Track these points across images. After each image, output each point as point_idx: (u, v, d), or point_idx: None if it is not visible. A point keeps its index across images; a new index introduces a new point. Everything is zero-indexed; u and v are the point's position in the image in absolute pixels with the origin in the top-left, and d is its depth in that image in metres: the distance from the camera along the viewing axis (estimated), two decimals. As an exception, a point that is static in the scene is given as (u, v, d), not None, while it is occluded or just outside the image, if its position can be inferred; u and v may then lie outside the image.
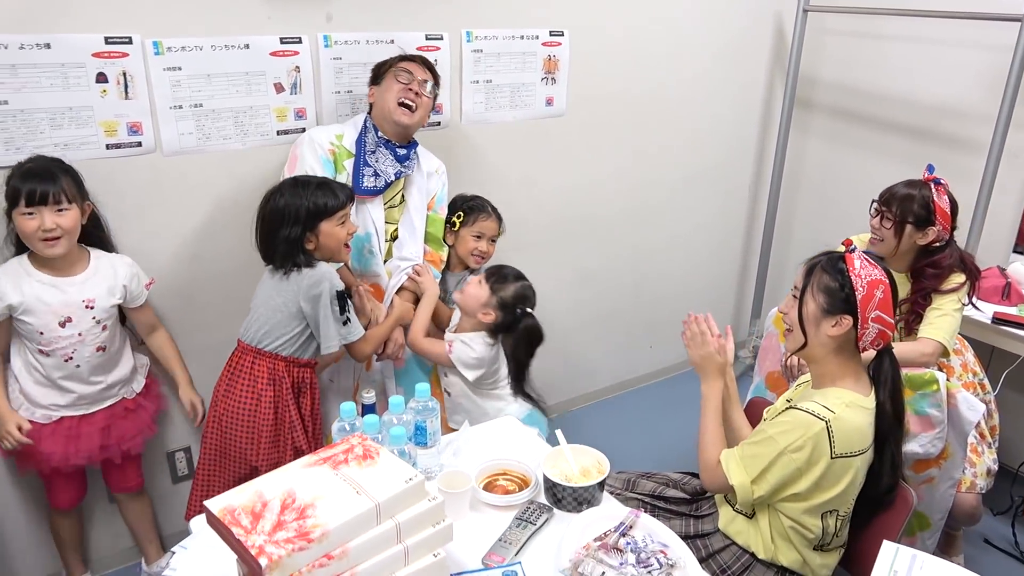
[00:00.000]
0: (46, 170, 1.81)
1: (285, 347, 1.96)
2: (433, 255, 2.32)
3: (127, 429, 2.06)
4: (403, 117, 2.12)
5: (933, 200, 2.08)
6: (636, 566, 1.37)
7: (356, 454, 1.29)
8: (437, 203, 2.33)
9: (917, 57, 2.98)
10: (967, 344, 2.32)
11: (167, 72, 2.04)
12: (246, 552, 1.09)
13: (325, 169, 2.10)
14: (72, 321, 1.88)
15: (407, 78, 2.13)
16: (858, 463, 1.55)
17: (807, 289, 1.59)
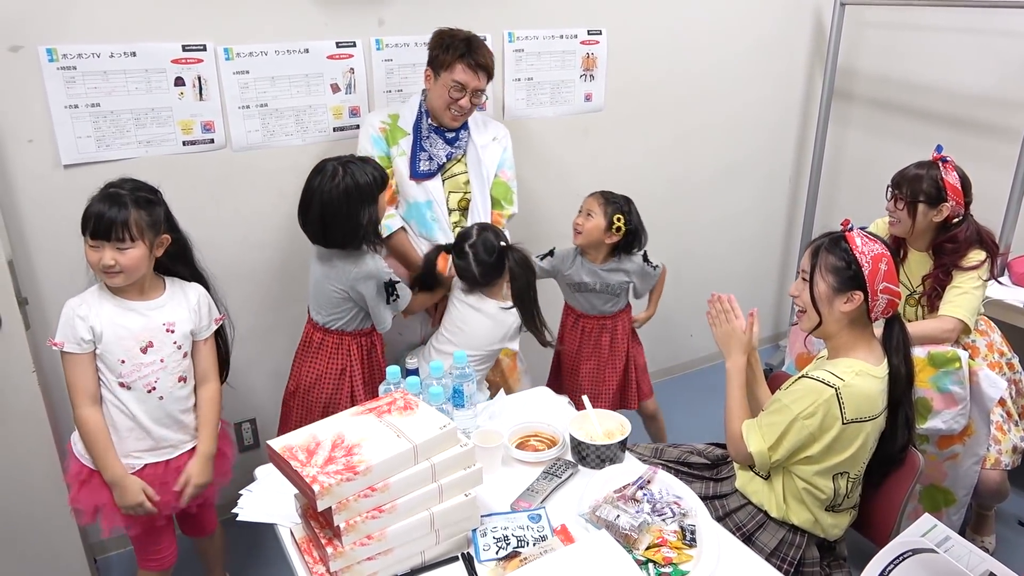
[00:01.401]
0: (118, 200, 1.69)
1: (348, 324, 2.12)
2: (494, 216, 2.46)
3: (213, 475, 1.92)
4: (452, 122, 2.29)
5: (942, 177, 2.13)
6: (651, 514, 1.50)
7: (398, 406, 1.47)
8: (498, 167, 2.44)
9: (954, 47, 3.01)
10: (993, 325, 2.35)
11: (236, 75, 2.26)
12: (302, 481, 1.28)
13: (375, 146, 2.28)
14: (153, 346, 1.77)
15: (458, 91, 2.21)
16: (869, 428, 1.64)
17: (815, 270, 1.67)
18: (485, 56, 2.24)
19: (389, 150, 2.30)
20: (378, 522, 1.31)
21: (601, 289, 2.50)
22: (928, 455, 2.16)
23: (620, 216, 2.38)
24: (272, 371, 2.59)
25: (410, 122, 2.32)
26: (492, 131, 2.45)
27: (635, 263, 2.51)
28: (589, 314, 2.55)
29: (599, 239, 2.41)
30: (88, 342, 1.72)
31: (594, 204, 2.42)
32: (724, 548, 1.45)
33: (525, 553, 1.39)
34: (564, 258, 2.52)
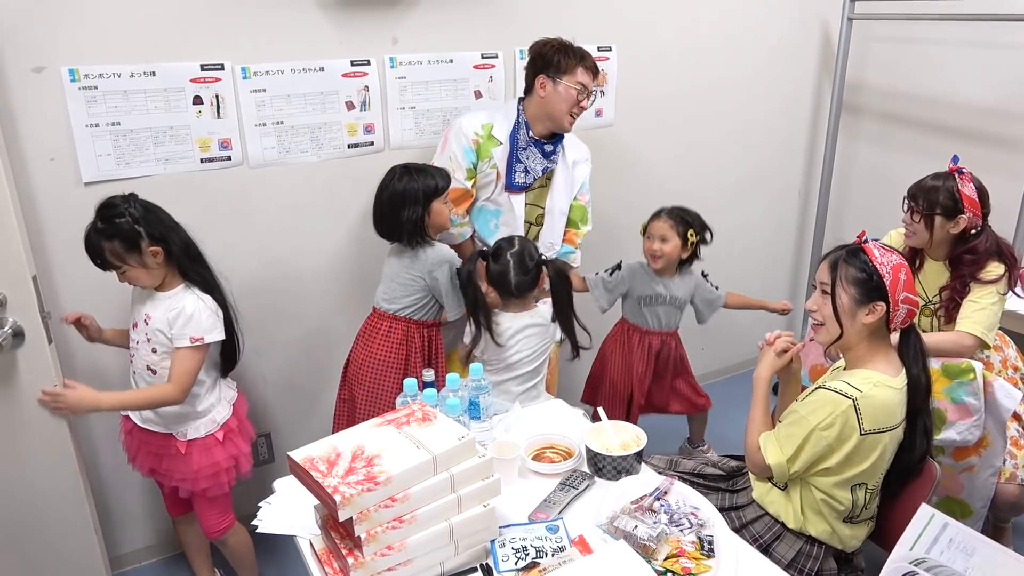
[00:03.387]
0: (94, 247, 1.85)
1: (416, 313, 2.26)
2: (570, 234, 2.57)
3: (172, 469, 2.04)
4: (569, 127, 2.36)
5: (958, 189, 2.11)
6: (668, 524, 1.50)
7: (416, 417, 1.48)
8: (580, 189, 2.54)
9: (962, 60, 3.03)
10: (1008, 339, 2.34)
11: (253, 94, 2.29)
12: (323, 491, 1.29)
13: (466, 157, 2.33)
14: (136, 327, 1.99)
15: (583, 95, 2.30)
16: (886, 439, 1.64)
17: (837, 283, 1.68)
18: (592, 59, 2.35)
19: (478, 162, 2.36)
20: (398, 532, 1.33)
21: (669, 303, 2.60)
22: (944, 467, 2.15)
23: (692, 231, 2.51)
24: (287, 386, 2.62)
25: (504, 131, 2.36)
26: (582, 151, 2.53)
27: (695, 278, 2.63)
28: (653, 329, 2.64)
29: (677, 258, 2.54)
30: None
31: (666, 228, 2.51)
32: (742, 559, 1.45)
33: (544, 564, 1.40)
34: (633, 273, 2.61)
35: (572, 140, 2.50)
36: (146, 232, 1.86)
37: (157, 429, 2.02)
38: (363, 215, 2.55)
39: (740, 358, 3.76)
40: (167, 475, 2.05)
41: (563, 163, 2.46)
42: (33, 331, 1.89)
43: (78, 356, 2.26)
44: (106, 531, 2.40)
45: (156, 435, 2.02)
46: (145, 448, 2.05)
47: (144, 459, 2.07)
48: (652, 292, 2.58)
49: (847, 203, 3.58)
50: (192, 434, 2.02)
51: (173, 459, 2.03)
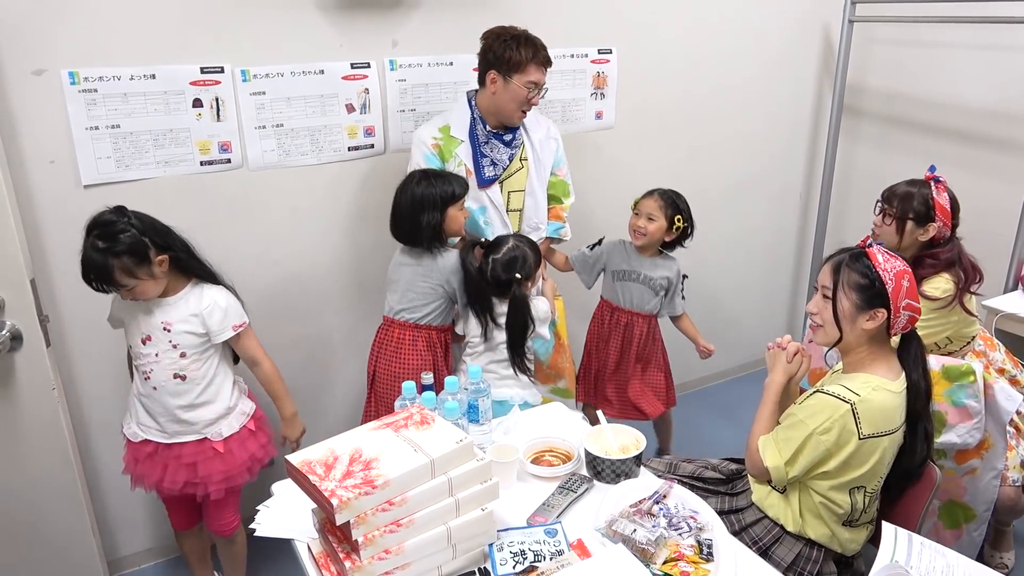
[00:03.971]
0: (98, 266, 1.78)
1: (436, 319, 2.29)
2: (555, 210, 2.57)
3: (213, 471, 2.00)
4: (518, 121, 2.35)
5: (933, 197, 2.13)
6: (667, 528, 1.50)
7: (415, 420, 1.48)
8: (555, 165, 2.53)
9: (963, 62, 3.03)
10: (996, 342, 2.34)
11: (253, 96, 2.30)
12: (320, 495, 1.29)
13: (429, 163, 2.33)
14: (151, 340, 1.91)
15: (533, 91, 2.28)
16: (886, 443, 1.63)
17: (838, 288, 1.67)
18: (546, 51, 2.31)
19: (444, 165, 2.34)
20: (396, 536, 1.32)
21: (643, 281, 2.59)
22: (946, 470, 2.15)
23: (680, 216, 2.51)
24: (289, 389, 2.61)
25: (463, 129, 2.35)
26: (545, 127, 2.50)
27: (675, 267, 2.61)
28: (623, 307, 2.64)
29: (659, 240, 2.54)
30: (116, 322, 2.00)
31: (653, 207, 2.51)
32: (741, 562, 1.44)
33: (542, 568, 1.39)
34: (611, 248, 2.65)
35: (532, 121, 2.46)
36: (151, 241, 1.82)
37: (190, 439, 1.99)
38: (363, 218, 2.55)
39: (740, 361, 3.76)
40: (206, 480, 2.00)
41: (528, 145, 2.44)
42: (31, 334, 1.90)
43: (76, 360, 2.26)
44: (105, 534, 2.40)
45: (189, 445, 1.99)
46: (176, 463, 1.99)
47: (176, 474, 1.99)
48: (627, 267, 2.60)
49: (848, 206, 3.58)
50: (227, 431, 2.02)
51: (212, 461, 2.00)
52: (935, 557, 1.31)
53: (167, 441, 1.98)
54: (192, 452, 1.99)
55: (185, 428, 1.98)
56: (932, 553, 1.33)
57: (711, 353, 2.71)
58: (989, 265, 2.36)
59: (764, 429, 1.77)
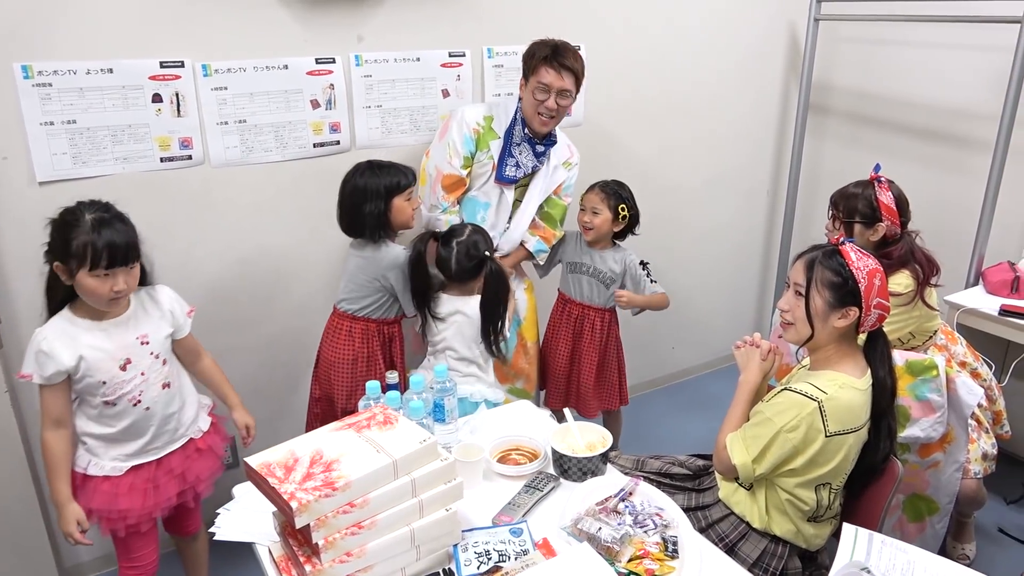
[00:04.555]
0: (120, 227, 1.70)
1: (374, 312, 2.27)
2: (547, 232, 2.57)
3: (201, 470, 1.96)
4: (541, 127, 2.36)
5: (876, 197, 2.15)
6: (632, 526, 1.49)
7: (377, 420, 1.46)
8: (564, 191, 2.57)
9: (927, 61, 3.07)
10: (956, 336, 2.37)
11: (214, 92, 2.25)
12: (279, 498, 1.26)
13: (465, 146, 2.35)
14: (132, 362, 1.77)
15: (543, 93, 2.28)
16: (851, 440, 1.64)
17: (811, 286, 1.66)
18: (571, 59, 2.30)
19: (476, 152, 2.38)
20: (357, 539, 1.30)
21: (592, 274, 2.59)
22: (910, 464, 2.17)
23: (624, 206, 2.51)
24: (252, 390, 2.56)
25: (503, 126, 2.38)
26: (566, 155, 2.54)
27: (624, 256, 2.59)
28: (575, 299, 2.64)
29: (608, 232, 2.54)
30: (59, 374, 1.71)
31: (596, 200, 2.52)
32: (706, 559, 1.44)
33: (506, 568, 1.38)
34: (567, 240, 2.65)
35: (562, 144, 2.51)
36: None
37: (177, 445, 1.91)
38: (329, 215, 2.50)
39: (709, 357, 3.78)
40: (195, 482, 1.94)
41: (546, 165, 2.48)
42: (-17, 335, 1.84)
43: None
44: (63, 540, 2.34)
45: (176, 453, 1.91)
46: (168, 477, 1.89)
47: (168, 488, 1.89)
48: (578, 260, 2.61)
49: (815, 203, 3.61)
50: (204, 425, 1.99)
51: (197, 461, 1.95)
52: (895, 555, 1.32)
53: (158, 456, 1.87)
54: (180, 459, 1.91)
55: (173, 435, 1.90)
56: (892, 551, 1.33)
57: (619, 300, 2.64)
58: (951, 261, 2.40)
59: (733, 427, 1.77)
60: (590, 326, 2.64)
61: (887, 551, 1.33)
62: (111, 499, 1.81)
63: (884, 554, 1.32)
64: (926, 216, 2.38)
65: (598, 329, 2.64)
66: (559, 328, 2.69)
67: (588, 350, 2.65)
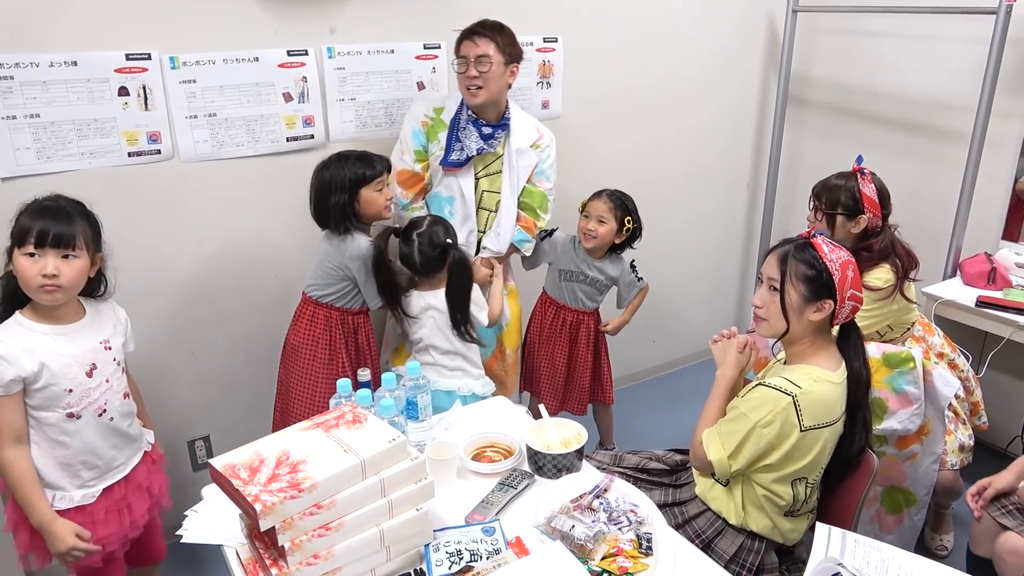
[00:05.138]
0: (62, 210, 1.61)
1: (338, 300, 2.24)
2: (528, 221, 2.51)
3: (160, 482, 1.89)
4: (472, 99, 2.30)
5: (859, 189, 2.16)
6: (607, 523, 1.48)
7: (346, 419, 1.43)
8: (536, 176, 2.49)
9: (905, 52, 3.06)
10: (934, 327, 2.38)
11: (183, 85, 2.20)
12: (244, 500, 1.23)
13: (415, 139, 2.36)
14: (97, 367, 1.68)
15: (463, 65, 2.26)
16: (827, 434, 1.63)
17: (786, 279, 1.65)
18: (487, 28, 2.28)
19: (428, 145, 2.37)
20: (325, 540, 1.27)
21: (589, 283, 2.57)
22: (887, 456, 2.17)
23: (630, 218, 2.49)
24: (225, 386, 2.54)
25: (451, 114, 2.35)
26: (532, 136, 2.45)
27: (623, 266, 2.58)
28: (569, 306, 2.61)
29: (609, 243, 2.51)
30: (15, 381, 1.59)
31: (604, 209, 2.48)
32: (680, 556, 1.43)
33: (478, 567, 1.36)
34: (560, 244, 2.60)
35: (522, 127, 2.43)
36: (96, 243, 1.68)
37: (137, 458, 1.83)
38: (303, 210, 2.46)
39: (688, 351, 3.77)
40: (161, 493, 1.88)
41: (508, 148, 2.42)
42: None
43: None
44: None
45: (140, 465, 1.83)
46: (138, 492, 1.81)
47: (140, 504, 1.81)
48: (575, 269, 2.58)
49: (794, 195, 3.60)
50: (151, 437, 1.92)
51: (156, 473, 1.89)
52: (870, 552, 1.32)
53: (125, 473, 1.79)
54: (144, 473, 1.84)
55: (135, 448, 1.82)
56: (867, 549, 1.33)
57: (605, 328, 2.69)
58: (928, 253, 2.40)
59: (710, 422, 1.75)
60: (585, 329, 2.64)
61: (861, 549, 1.32)
62: (89, 529, 1.70)
63: (858, 553, 1.31)
64: (903, 207, 2.38)
65: (592, 330, 2.65)
66: (554, 335, 2.65)
67: (584, 352, 2.65)
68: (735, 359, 1.82)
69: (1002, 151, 2.78)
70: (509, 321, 2.59)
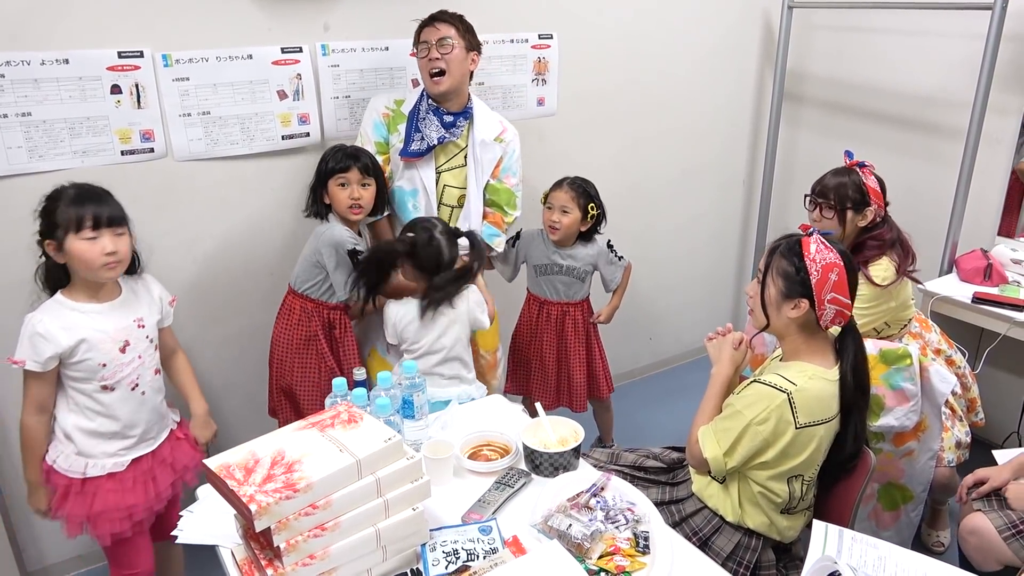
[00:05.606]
0: (102, 193, 1.74)
1: (313, 291, 2.24)
2: (495, 216, 2.47)
3: (187, 459, 1.96)
4: (435, 87, 2.27)
5: (863, 182, 2.17)
6: (604, 521, 1.47)
7: (342, 419, 1.42)
8: (502, 172, 2.44)
9: (900, 48, 3.06)
10: (930, 323, 2.38)
11: (176, 83, 2.19)
12: (239, 501, 1.22)
13: (376, 131, 2.35)
14: (130, 344, 1.79)
15: (424, 50, 2.25)
16: (822, 431, 1.63)
17: (768, 273, 1.67)
18: (443, 12, 2.28)
19: (388, 136, 2.35)
20: (321, 540, 1.27)
21: (566, 272, 2.55)
22: (884, 453, 2.17)
23: (593, 204, 2.47)
24: (221, 385, 2.53)
25: (411, 105, 2.34)
26: (496, 129, 2.42)
27: (598, 247, 2.56)
28: (552, 300, 2.60)
29: (576, 231, 2.49)
30: (52, 359, 1.70)
31: (566, 199, 2.46)
32: (678, 554, 1.42)
33: (475, 567, 1.35)
34: (530, 241, 2.58)
35: (486, 119, 2.40)
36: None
37: (167, 432, 1.95)
38: (297, 208, 2.46)
39: (684, 349, 3.77)
40: (185, 470, 1.96)
41: (472, 141, 2.38)
42: (-64, 337, 1.78)
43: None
44: (28, 543, 2.30)
45: (166, 442, 1.93)
46: (163, 467, 1.90)
47: (164, 478, 1.89)
48: (548, 261, 2.56)
49: (790, 192, 3.60)
50: (176, 415, 2.01)
51: (180, 449, 1.96)
52: (867, 550, 1.31)
53: (153, 447, 1.89)
54: (168, 449, 1.93)
55: (162, 424, 1.93)
56: (863, 547, 1.32)
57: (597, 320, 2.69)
58: (924, 249, 2.39)
59: (706, 420, 1.75)
60: (572, 322, 2.62)
61: (858, 547, 1.32)
62: (119, 496, 1.81)
63: (855, 551, 1.31)
64: (899, 203, 2.38)
65: (580, 323, 2.63)
66: (541, 332, 2.64)
67: (575, 346, 2.63)
68: (730, 356, 1.82)
69: (998, 147, 2.78)
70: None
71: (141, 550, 1.90)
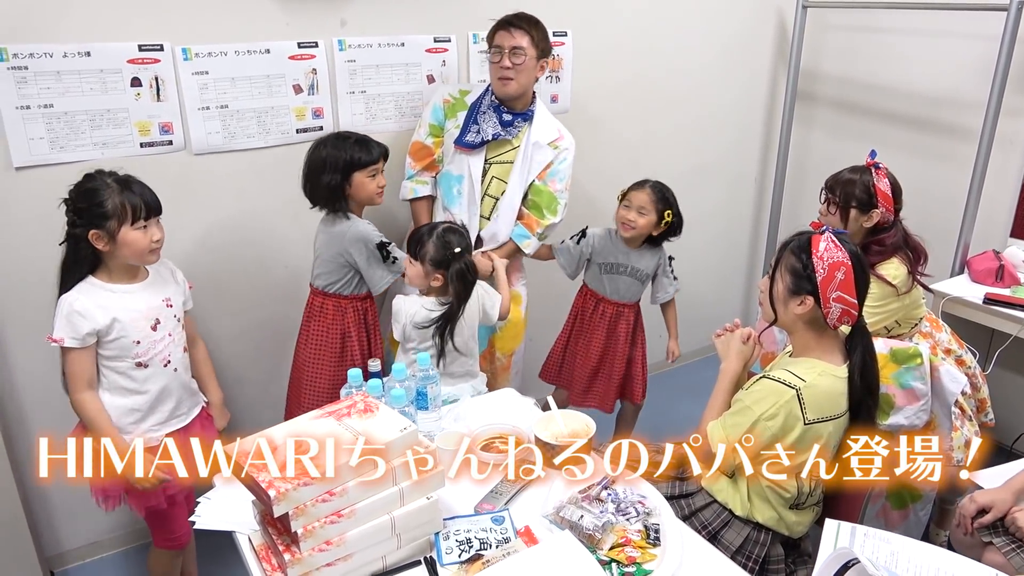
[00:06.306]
0: (140, 182, 1.80)
1: (344, 288, 2.25)
2: (530, 219, 2.50)
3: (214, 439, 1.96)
4: (502, 88, 2.33)
5: (874, 184, 2.16)
6: (615, 514, 1.49)
7: (358, 408, 1.44)
8: (549, 175, 2.47)
9: (914, 49, 3.06)
10: (941, 324, 2.38)
11: (195, 76, 2.22)
12: (258, 487, 1.25)
13: (433, 115, 2.44)
14: (161, 323, 1.85)
15: (497, 55, 2.30)
16: (831, 428, 1.64)
17: (777, 269, 1.69)
18: (523, 21, 2.32)
19: (445, 122, 2.43)
20: (337, 527, 1.29)
21: (630, 273, 2.56)
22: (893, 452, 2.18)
23: (669, 211, 2.46)
24: (236, 377, 2.55)
25: (475, 97, 2.42)
26: (552, 135, 2.46)
27: (661, 258, 2.58)
28: (610, 299, 2.60)
29: (647, 234, 2.49)
30: (90, 335, 1.76)
31: (645, 200, 2.45)
32: (688, 547, 1.44)
33: (488, 556, 1.37)
34: (599, 239, 2.58)
35: (544, 123, 2.45)
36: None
37: (197, 410, 2.01)
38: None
39: (695, 346, 3.77)
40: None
41: (525, 141, 2.42)
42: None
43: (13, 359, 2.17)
44: (45, 528, 2.33)
45: (196, 419, 1.99)
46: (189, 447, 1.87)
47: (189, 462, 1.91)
48: (615, 260, 2.55)
49: (802, 191, 3.61)
50: (201, 397, 2.06)
51: (209, 429, 2.02)
52: (879, 545, 1.33)
53: (184, 423, 1.96)
54: (199, 427, 1.99)
55: (193, 401, 1.99)
56: (876, 542, 1.34)
57: (675, 357, 2.70)
58: (936, 250, 2.40)
59: (715, 415, 1.77)
60: (625, 322, 2.62)
61: (870, 542, 1.33)
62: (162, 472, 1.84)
63: (867, 546, 1.32)
64: (912, 204, 2.38)
65: (632, 324, 2.64)
66: (593, 327, 2.63)
67: (622, 345, 2.63)
68: (738, 351, 1.83)
69: (1011, 148, 2.78)
70: (506, 328, 2.55)
71: (178, 519, 1.97)
